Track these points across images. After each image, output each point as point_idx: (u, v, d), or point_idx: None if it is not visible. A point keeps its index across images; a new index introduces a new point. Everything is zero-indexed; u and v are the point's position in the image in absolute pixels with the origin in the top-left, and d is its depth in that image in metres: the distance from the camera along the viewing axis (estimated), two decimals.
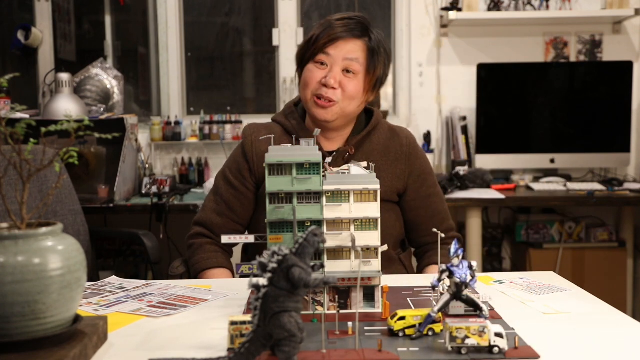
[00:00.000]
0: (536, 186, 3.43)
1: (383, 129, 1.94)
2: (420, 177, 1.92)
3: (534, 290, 1.48)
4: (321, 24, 1.86)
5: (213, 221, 1.90)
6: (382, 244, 1.57)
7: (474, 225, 3.26)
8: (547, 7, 3.64)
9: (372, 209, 1.27)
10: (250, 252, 2.01)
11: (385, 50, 1.88)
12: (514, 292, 1.46)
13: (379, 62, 1.85)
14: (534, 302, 1.38)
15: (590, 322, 1.26)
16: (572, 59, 3.77)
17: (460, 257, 1.20)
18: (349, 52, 1.82)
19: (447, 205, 2.00)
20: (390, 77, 3.76)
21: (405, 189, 1.91)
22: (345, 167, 1.39)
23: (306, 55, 1.86)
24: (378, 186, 1.27)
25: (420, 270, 1.95)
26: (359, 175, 1.29)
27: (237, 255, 2.17)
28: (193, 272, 1.88)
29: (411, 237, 1.97)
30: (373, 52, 1.84)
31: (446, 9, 3.63)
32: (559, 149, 3.62)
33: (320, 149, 1.80)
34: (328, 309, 1.28)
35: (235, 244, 2.04)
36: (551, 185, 3.45)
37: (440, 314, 1.17)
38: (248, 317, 1.05)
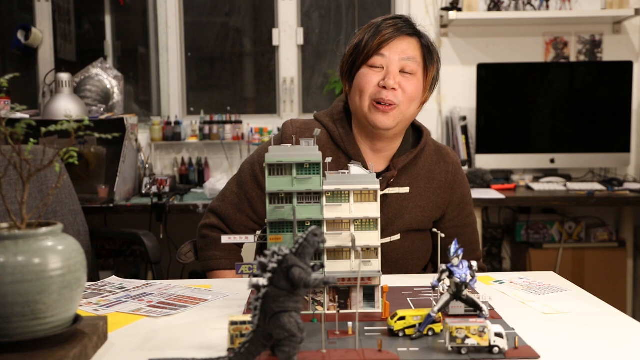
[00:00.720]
0: (536, 186, 3.43)
1: (430, 151, 1.84)
2: (459, 205, 1.85)
3: (534, 290, 1.48)
4: (366, 29, 1.77)
5: (232, 216, 1.83)
6: (410, 272, 1.55)
7: None
8: (547, 7, 3.65)
9: (372, 209, 1.27)
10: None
11: (436, 48, 1.81)
12: (514, 292, 1.46)
13: (434, 60, 1.79)
14: (534, 302, 1.38)
15: (590, 322, 1.26)
16: (572, 59, 3.77)
17: (460, 257, 1.20)
18: (404, 51, 1.73)
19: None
20: None
21: (442, 216, 1.84)
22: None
23: (357, 60, 1.75)
24: (378, 186, 1.27)
25: None
26: (359, 175, 1.29)
27: (250, 255, 2.15)
28: (203, 266, 1.83)
29: (437, 260, 1.90)
30: (428, 50, 1.77)
31: (446, 9, 3.64)
32: (559, 149, 3.62)
33: (366, 169, 1.74)
34: (328, 309, 1.28)
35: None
36: (551, 185, 3.45)
37: (440, 314, 1.17)
38: (248, 317, 1.05)
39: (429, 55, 1.77)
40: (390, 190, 1.76)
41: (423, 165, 1.82)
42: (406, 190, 1.72)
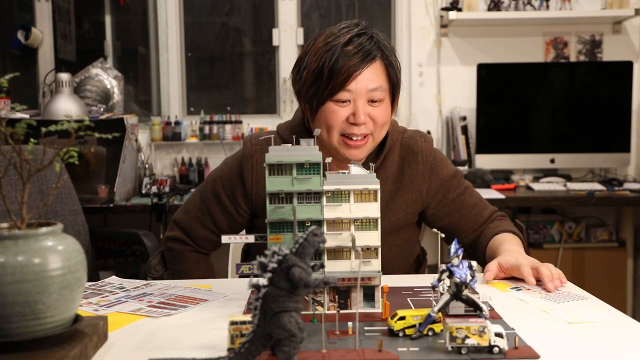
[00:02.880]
0: (536, 186, 3.43)
1: (397, 149, 1.76)
2: (441, 187, 1.78)
3: (552, 298, 1.41)
4: (326, 51, 1.61)
5: (195, 231, 1.81)
6: (399, 272, 1.49)
7: None
8: (547, 7, 3.65)
9: (372, 209, 1.27)
10: (252, 252, 1.95)
11: (393, 50, 1.69)
12: (534, 300, 1.39)
13: (397, 74, 1.68)
14: (555, 311, 1.31)
15: (592, 323, 1.26)
16: (572, 59, 3.77)
17: (460, 257, 1.20)
18: (371, 81, 1.62)
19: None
20: None
21: (424, 206, 1.78)
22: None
23: (320, 93, 1.62)
24: (378, 186, 1.27)
25: (485, 256, 1.73)
26: (359, 175, 1.29)
27: (237, 255, 2.17)
28: (174, 278, 1.78)
29: (452, 239, 1.83)
30: (392, 67, 1.67)
31: (446, 9, 3.64)
32: (559, 149, 3.62)
33: None
34: (328, 309, 1.28)
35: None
36: (551, 185, 3.45)
37: (440, 314, 1.17)
38: (248, 317, 1.05)
39: (394, 74, 1.67)
40: None
41: (392, 167, 1.75)
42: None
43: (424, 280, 1.55)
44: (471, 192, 1.82)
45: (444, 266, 1.20)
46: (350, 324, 1.17)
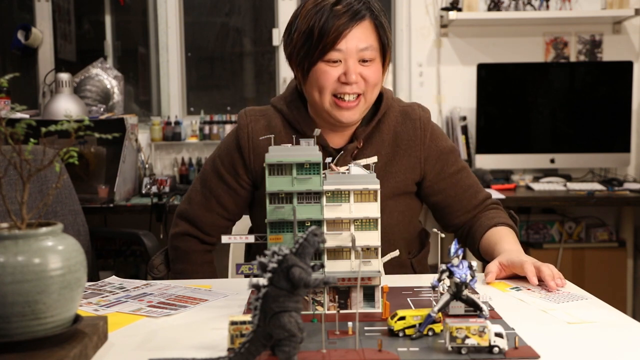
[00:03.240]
0: (536, 186, 3.43)
1: (394, 113, 1.76)
2: (439, 158, 1.77)
3: (552, 298, 1.41)
4: (315, 12, 1.63)
5: (201, 218, 1.78)
6: (396, 247, 1.50)
7: None
8: (547, 7, 3.65)
9: (372, 209, 1.27)
10: (253, 251, 1.93)
11: (382, 11, 1.69)
12: (534, 300, 1.38)
13: (389, 37, 1.69)
14: (555, 311, 1.31)
15: (594, 324, 1.26)
16: (572, 59, 3.77)
17: (460, 257, 1.20)
18: (361, 39, 1.62)
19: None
20: (390, 77, 3.76)
21: (422, 175, 1.77)
22: (345, 167, 1.38)
23: (311, 53, 1.63)
24: (378, 186, 1.27)
25: (480, 247, 1.73)
26: (359, 175, 1.29)
27: (240, 254, 2.16)
28: (176, 278, 1.76)
29: (445, 221, 1.82)
30: (382, 29, 1.67)
31: (446, 9, 3.64)
32: (559, 149, 3.62)
33: (326, 146, 1.71)
34: (328, 309, 1.28)
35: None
36: (551, 185, 3.45)
37: (440, 314, 1.17)
38: (248, 317, 1.05)
39: (384, 34, 1.67)
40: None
41: (388, 130, 1.74)
42: (374, 159, 1.60)
43: (424, 280, 1.55)
44: (468, 172, 1.82)
45: (444, 266, 1.20)
46: (350, 324, 1.17)
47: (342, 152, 1.71)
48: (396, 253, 1.39)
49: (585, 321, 1.25)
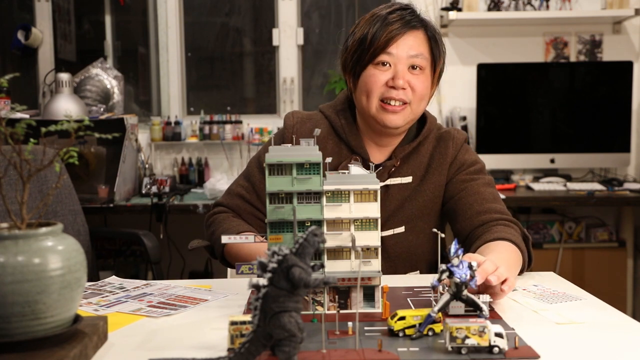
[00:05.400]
0: (536, 186, 3.43)
1: (433, 138, 1.79)
2: (461, 167, 1.76)
3: (547, 298, 1.41)
4: (369, 20, 1.68)
5: (240, 206, 1.77)
6: (418, 267, 1.48)
7: None
8: (547, 7, 3.65)
9: (372, 209, 1.27)
10: None
11: (437, 30, 1.73)
12: (527, 300, 1.39)
13: (441, 52, 1.72)
14: (547, 311, 1.31)
15: (593, 325, 1.26)
16: (572, 59, 3.77)
17: (460, 257, 1.20)
18: (412, 47, 1.66)
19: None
20: None
21: (446, 188, 1.76)
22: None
23: (363, 57, 1.67)
24: (378, 186, 1.27)
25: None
26: (359, 175, 1.29)
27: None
28: (218, 245, 1.69)
29: (453, 230, 1.77)
30: (435, 42, 1.70)
31: (446, 9, 3.64)
32: (559, 149, 3.62)
33: (367, 160, 1.72)
34: (328, 309, 1.28)
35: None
36: (551, 185, 3.45)
37: (440, 314, 1.17)
38: (248, 317, 1.05)
39: (436, 48, 1.71)
40: (391, 181, 1.72)
41: (425, 153, 1.77)
42: (408, 179, 1.62)
43: (424, 280, 1.55)
44: (487, 186, 1.75)
45: (444, 266, 1.20)
46: (350, 324, 1.17)
47: (380, 167, 1.73)
48: (416, 273, 1.38)
49: (575, 322, 1.25)
